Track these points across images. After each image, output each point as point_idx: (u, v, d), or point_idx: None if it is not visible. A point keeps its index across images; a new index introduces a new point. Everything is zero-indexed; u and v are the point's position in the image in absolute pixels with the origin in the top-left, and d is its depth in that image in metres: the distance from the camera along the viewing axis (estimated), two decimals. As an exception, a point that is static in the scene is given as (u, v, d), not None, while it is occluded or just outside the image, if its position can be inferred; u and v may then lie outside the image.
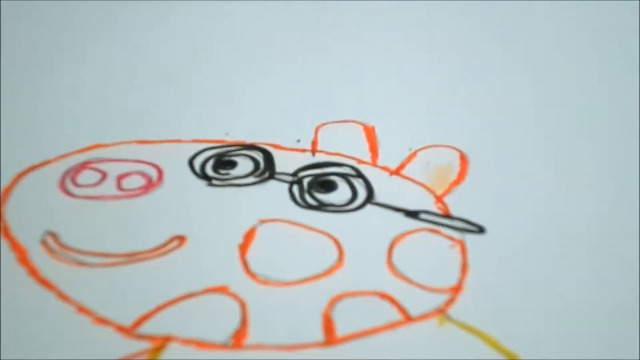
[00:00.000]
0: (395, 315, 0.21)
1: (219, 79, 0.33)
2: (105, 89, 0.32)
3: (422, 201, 0.25)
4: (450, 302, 0.21)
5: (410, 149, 0.28)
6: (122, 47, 0.35)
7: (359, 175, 0.27)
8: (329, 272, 0.23)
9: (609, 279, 0.22)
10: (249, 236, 0.24)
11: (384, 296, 0.22)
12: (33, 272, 0.22)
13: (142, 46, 0.35)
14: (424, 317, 0.21)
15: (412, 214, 0.25)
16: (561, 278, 0.22)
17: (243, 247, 0.23)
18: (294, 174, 0.27)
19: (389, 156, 0.27)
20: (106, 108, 0.30)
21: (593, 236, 0.24)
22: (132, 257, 0.23)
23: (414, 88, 0.31)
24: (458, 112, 0.30)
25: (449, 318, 0.21)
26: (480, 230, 0.24)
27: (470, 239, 0.24)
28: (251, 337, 0.21)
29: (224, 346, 0.20)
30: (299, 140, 0.28)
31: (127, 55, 0.34)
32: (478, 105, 0.30)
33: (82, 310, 0.21)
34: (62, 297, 0.22)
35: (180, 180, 0.26)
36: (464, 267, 0.23)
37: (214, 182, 0.26)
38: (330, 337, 0.20)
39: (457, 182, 0.26)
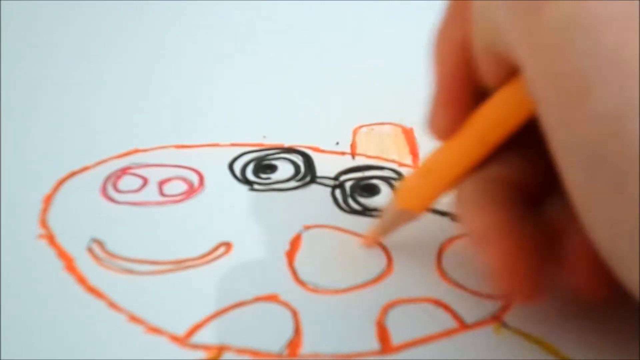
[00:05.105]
0: (450, 322, 0.21)
1: (255, 82, 0.32)
2: (140, 94, 0.32)
3: (467, 205, 0.25)
4: (505, 308, 0.21)
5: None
6: (159, 53, 0.35)
7: (401, 178, 0.27)
8: (378, 278, 0.22)
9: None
10: (295, 243, 0.24)
11: (438, 303, 0.22)
12: (82, 280, 0.22)
13: (179, 51, 0.35)
14: (479, 324, 0.21)
15: (458, 218, 0.25)
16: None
17: (290, 254, 0.23)
18: (336, 178, 0.27)
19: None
20: (142, 113, 0.30)
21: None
22: (180, 265, 0.23)
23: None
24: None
25: (505, 326, 0.21)
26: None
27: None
28: (306, 347, 0.20)
29: (279, 356, 0.20)
30: (337, 143, 0.28)
31: (164, 60, 0.34)
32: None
33: (134, 319, 0.21)
34: (113, 305, 0.21)
35: (222, 185, 0.26)
36: (515, 272, 0.23)
37: (256, 187, 0.26)
38: (386, 346, 0.20)
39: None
